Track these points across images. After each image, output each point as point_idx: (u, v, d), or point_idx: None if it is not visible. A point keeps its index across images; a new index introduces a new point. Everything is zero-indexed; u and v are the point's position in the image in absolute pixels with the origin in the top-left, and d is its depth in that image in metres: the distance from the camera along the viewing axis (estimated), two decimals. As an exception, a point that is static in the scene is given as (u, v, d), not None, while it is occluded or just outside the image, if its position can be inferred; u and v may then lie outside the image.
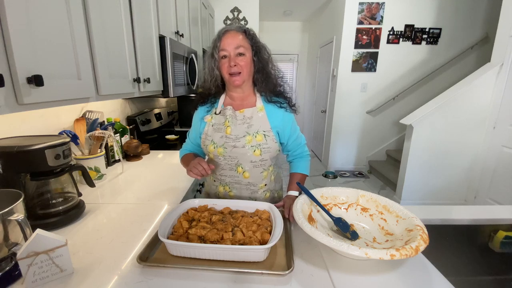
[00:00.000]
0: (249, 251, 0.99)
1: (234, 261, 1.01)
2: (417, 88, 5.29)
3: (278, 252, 1.08)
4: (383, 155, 5.69)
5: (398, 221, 1.15)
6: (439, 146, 3.86)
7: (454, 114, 3.71)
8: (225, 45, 1.38)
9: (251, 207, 1.30)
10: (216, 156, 1.49)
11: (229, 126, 1.45)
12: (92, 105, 2.13)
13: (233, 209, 1.30)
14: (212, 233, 1.09)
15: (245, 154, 1.43)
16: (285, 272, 0.95)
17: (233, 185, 1.54)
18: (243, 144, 1.42)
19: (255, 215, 1.24)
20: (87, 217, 1.37)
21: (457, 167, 3.94)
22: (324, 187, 1.40)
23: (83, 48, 1.38)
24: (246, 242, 1.05)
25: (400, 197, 4.10)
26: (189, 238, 1.08)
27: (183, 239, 1.07)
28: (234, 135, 1.44)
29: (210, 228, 1.12)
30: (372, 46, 5.08)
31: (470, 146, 3.84)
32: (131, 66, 1.88)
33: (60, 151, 1.25)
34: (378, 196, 1.30)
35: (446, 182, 4.01)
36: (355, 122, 5.51)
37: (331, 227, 1.24)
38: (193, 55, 3.11)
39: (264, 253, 1.00)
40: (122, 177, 1.94)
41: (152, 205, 1.51)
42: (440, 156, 3.90)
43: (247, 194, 1.54)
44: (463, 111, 3.70)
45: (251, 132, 1.42)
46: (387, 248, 0.90)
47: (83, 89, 1.38)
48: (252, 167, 1.47)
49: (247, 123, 1.44)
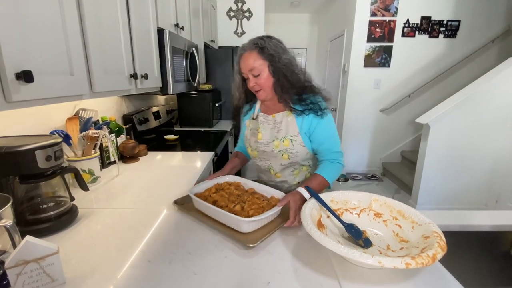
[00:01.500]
0: (231, 218, 1.25)
1: (228, 227, 1.29)
2: (434, 84, 5.27)
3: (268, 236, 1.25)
4: (398, 156, 5.67)
5: (414, 227, 1.15)
6: (458, 146, 3.83)
7: (474, 112, 3.69)
8: (242, 68, 1.57)
9: (269, 193, 1.51)
10: (253, 157, 1.78)
11: (260, 132, 1.66)
12: (86, 103, 2.13)
13: (256, 191, 1.54)
14: (222, 201, 1.40)
15: (276, 157, 1.64)
16: (249, 245, 1.15)
17: (270, 183, 1.77)
18: (272, 149, 1.62)
19: (267, 200, 1.44)
20: (80, 223, 1.37)
21: (477, 169, 3.91)
22: (334, 190, 1.40)
23: (76, 42, 1.38)
24: (238, 215, 1.27)
25: (416, 202, 4.08)
26: (207, 199, 1.43)
27: (202, 198, 1.42)
28: (265, 140, 1.64)
29: (225, 198, 1.43)
30: (386, 40, 5.06)
31: (491, 147, 3.81)
32: (128, 61, 1.88)
33: (51, 152, 1.25)
34: (392, 200, 1.29)
35: (465, 185, 3.98)
36: (368, 121, 5.50)
37: (342, 233, 1.24)
38: (194, 49, 3.11)
39: (240, 224, 1.23)
40: (117, 180, 1.94)
41: (150, 210, 1.50)
42: (459, 158, 3.87)
43: (284, 191, 1.63)
44: (484, 109, 3.67)
45: (279, 137, 1.60)
46: (402, 256, 0.90)
47: (76, 85, 1.38)
48: (283, 169, 1.69)
49: (277, 128, 1.61)
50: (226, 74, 4.42)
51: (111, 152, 2.19)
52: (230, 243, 1.20)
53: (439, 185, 3.98)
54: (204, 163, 2.27)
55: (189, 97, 3.81)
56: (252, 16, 5.23)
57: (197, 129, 3.83)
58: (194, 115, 3.87)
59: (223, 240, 1.22)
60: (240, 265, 1.06)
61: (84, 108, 2.06)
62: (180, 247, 1.16)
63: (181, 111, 3.89)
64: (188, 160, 2.38)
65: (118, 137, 2.32)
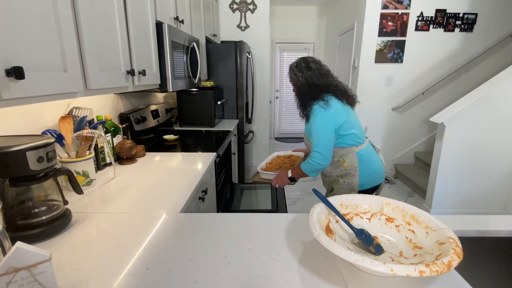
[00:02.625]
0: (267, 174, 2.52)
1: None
2: (449, 81, 5.24)
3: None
4: (411, 157, 5.65)
5: (428, 232, 1.14)
6: (475, 147, 3.81)
7: (492, 111, 3.67)
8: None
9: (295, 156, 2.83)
10: None
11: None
12: (80, 101, 2.14)
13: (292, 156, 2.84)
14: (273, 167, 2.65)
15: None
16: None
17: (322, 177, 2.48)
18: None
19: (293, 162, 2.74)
20: (74, 228, 1.37)
21: (495, 171, 3.89)
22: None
23: (69, 36, 1.38)
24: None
25: (430, 206, 4.07)
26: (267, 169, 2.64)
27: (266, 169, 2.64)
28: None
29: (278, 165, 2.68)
30: (398, 34, 5.04)
31: (510, 148, 3.79)
32: (124, 57, 1.88)
33: (44, 153, 1.25)
34: (405, 204, 1.28)
35: (483, 188, 3.96)
36: (379, 120, 5.49)
37: (352, 239, 1.24)
38: (195, 44, 3.11)
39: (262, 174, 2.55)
40: (114, 183, 1.94)
41: (148, 214, 1.50)
42: (476, 159, 3.85)
43: (326, 183, 2.41)
44: (502, 107, 3.65)
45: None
46: (416, 264, 0.89)
47: (70, 82, 1.38)
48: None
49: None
50: (229, 70, 4.43)
51: (106, 153, 2.19)
52: (233, 249, 1.19)
53: (454, 188, 3.97)
54: (206, 165, 2.27)
55: (190, 94, 3.82)
56: (257, 8, 5.23)
57: (198, 128, 3.84)
58: (195, 114, 3.87)
59: (226, 246, 1.22)
60: (244, 272, 1.05)
61: (78, 107, 2.06)
62: (180, 254, 1.16)
63: (181, 110, 3.89)
64: (188, 161, 2.38)
65: (114, 137, 2.32)
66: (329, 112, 2.05)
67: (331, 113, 2.06)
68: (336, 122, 2.07)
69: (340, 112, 2.09)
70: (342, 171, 2.18)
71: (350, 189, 2.16)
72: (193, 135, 3.45)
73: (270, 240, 1.27)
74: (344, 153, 2.15)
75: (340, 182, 2.21)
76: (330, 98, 2.09)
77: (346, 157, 2.15)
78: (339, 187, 2.21)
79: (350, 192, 2.16)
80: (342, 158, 2.16)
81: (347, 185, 2.17)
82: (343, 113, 2.10)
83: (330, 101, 2.08)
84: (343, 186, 2.19)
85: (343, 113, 2.11)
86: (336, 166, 2.20)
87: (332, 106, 2.06)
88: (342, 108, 2.12)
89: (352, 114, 2.22)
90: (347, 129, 2.12)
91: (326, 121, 2.06)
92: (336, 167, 2.20)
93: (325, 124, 2.06)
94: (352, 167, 2.15)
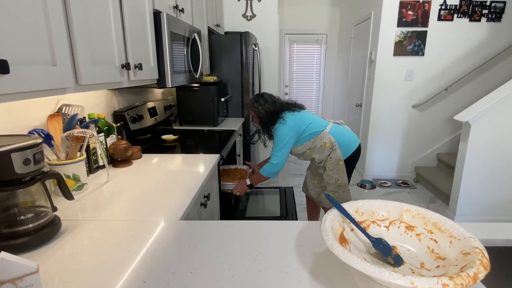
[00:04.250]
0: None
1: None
2: (475, 76, 5.23)
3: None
4: (433, 159, 5.65)
5: (452, 242, 1.13)
6: (503, 148, 3.81)
7: (524, 108, 3.65)
8: None
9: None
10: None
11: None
12: (70, 98, 2.14)
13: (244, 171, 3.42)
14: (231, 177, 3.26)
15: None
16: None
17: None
18: None
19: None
20: (63, 237, 1.37)
21: (527, 175, 3.88)
22: (359, 199, 1.39)
23: (58, 26, 1.37)
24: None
25: (454, 212, 4.07)
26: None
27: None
28: None
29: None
30: (419, 24, 5.03)
31: (544, 149, 3.77)
32: (119, 49, 1.88)
33: (30, 154, 1.24)
34: (427, 211, 1.27)
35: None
36: (398, 118, 5.49)
37: (369, 249, 1.23)
38: (196, 35, 3.11)
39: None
40: (107, 187, 1.95)
41: (144, 222, 1.50)
42: (504, 161, 3.85)
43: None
44: (535, 104, 3.63)
45: None
46: (438, 276, 0.88)
47: (59, 77, 1.38)
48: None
49: None
50: (234, 64, 4.43)
51: (99, 155, 2.20)
52: (238, 260, 1.18)
53: (481, 193, 3.95)
54: (208, 168, 2.27)
55: (191, 90, 3.82)
56: (263, -4, 5.24)
57: (200, 128, 3.85)
58: (196, 112, 3.89)
59: (231, 256, 1.21)
60: (250, 286, 1.04)
61: (68, 104, 2.06)
62: (180, 265, 1.16)
63: (181, 107, 3.90)
64: (189, 164, 2.38)
65: (107, 138, 2.33)
66: (286, 125, 2.77)
67: (289, 125, 2.77)
68: (297, 130, 2.81)
69: (298, 120, 2.82)
70: (328, 150, 2.87)
71: (338, 159, 2.88)
72: (194, 135, 3.46)
73: (278, 250, 1.26)
74: (320, 138, 2.86)
75: (328, 159, 2.89)
76: (284, 114, 2.81)
77: (323, 139, 2.85)
78: (329, 162, 2.90)
79: (338, 163, 2.88)
80: (322, 142, 2.85)
81: (334, 159, 2.88)
82: (300, 119, 2.84)
83: (285, 117, 2.80)
84: (332, 161, 2.88)
85: (301, 118, 2.84)
86: (321, 150, 2.89)
87: (288, 120, 2.78)
88: (298, 115, 2.84)
89: (306, 113, 2.95)
90: (310, 125, 2.85)
91: (285, 131, 2.78)
92: (322, 151, 2.89)
93: (284, 134, 2.78)
94: (331, 143, 2.85)
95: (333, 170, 2.88)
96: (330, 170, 2.89)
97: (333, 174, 2.90)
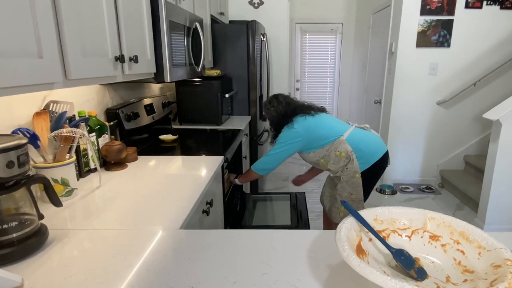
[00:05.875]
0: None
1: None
2: (507, 69, 5.21)
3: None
4: (460, 162, 5.63)
5: (481, 253, 1.12)
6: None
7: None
8: None
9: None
10: None
11: None
12: (58, 94, 2.15)
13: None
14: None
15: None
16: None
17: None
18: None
19: None
20: (51, 248, 1.37)
21: None
22: (378, 206, 1.38)
23: (45, 15, 1.37)
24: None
25: (483, 221, 4.06)
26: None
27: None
28: None
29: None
30: (444, 12, 5.02)
31: None
32: (112, 40, 1.88)
33: (14, 157, 1.24)
34: (453, 219, 1.26)
35: (550, 200, 3.93)
36: (421, 116, 5.48)
37: (389, 262, 1.22)
38: (198, 24, 3.11)
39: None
40: (99, 193, 1.95)
41: (140, 231, 1.50)
42: (541, 164, 3.82)
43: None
44: None
45: None
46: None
47: (46, 71, 1.37)
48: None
49: None
50: (239, 56, 4.44)
51: (90, 157, 2.20)
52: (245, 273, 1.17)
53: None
54: (211, 171, 2.27)
55: (192, 86, 3.83)
56: (272, -18, 5.25)
57: (202, 127, 3.86)
58: (197, 109, 3.90)
59: (236, 269, 1.20)
60: (257, 305, 1.04)
61: (56, 100, 2.07)
62: (179, 279, 1.15)
63: (181, 104, 3.91)
64: (190, 167, 2.39)
65: (100, 138, 2.33)
66: (293, 129, 2.79)
67: (295, 130, 2.79)
68: (307, 135, 2.80)
69: (309, 125, 2.82)
70: (344, 161, 2.81)
71: (354, 171, 2.81)
72: (196, 135, 3.47)
73: (289, 263, 1.25)
74: (335, 147, 2.80)
75: (344, 169, 2.84)
76: (295, 118, 2.82)
77: (339, 148, 2.79)
78: (344, 173, 2.85)
79: (354, 175, 2.82)
80: (337, 151, 2.80)
81: (350, 170, 2.81)
82: (313, 124, 2.83)
83: (294, 121, 2.81)
84: (347, 172, 2.83)
85: (313, 123, 2.84)
86: (337, 161, 2.83)
87: (295, 124, 2.79)
88: (310, 120, 2.83)
89: (323, 117, 2.91)
90: (323, 131, 2.83)
91: (289, 135, 2.81)
92: (338, 161, 2.83)
93: (287, 138, 2.82)
94: (347, 153, 2.78)
95: (348, 182, 2.84)
96: (344, 182, 2.86)
97: (347, 187, 2.86)
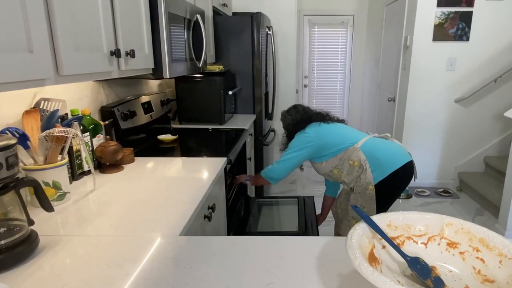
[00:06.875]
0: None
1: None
2: (531, 65, 5.20)
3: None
4: (480, 164, 5.63)
5: (502, 261, 1.11)
6: None
7: None
8: None
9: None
10: None
11: None
12: (50, 91, 2.15)
13: None
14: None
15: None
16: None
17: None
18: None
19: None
20: (42, 256, 1.37)
21: None
22: (392, 211, 1.38)
23: (36, 6, 1.37)
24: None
25: (504, 227, 4.07)
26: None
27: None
28: None
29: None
30: (463, 3, 5.02)
31: None
32: (107, 33, 1.88)
33: (2, 158, 1.24)
34: (472, 224, 1.26)
35: None
36: (438, 115, 5.49)
37: (403, 270, 1.22)
38: (199, 16, 3.11)
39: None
40: (93, 197, 1.95)
41: (137, 238, 1.50)
42: None
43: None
44: None
45: None
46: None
47: (36, 66, 1.37)
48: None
49: None
50: (243, 50, 4.44)
51: (84, 159, 2.20)
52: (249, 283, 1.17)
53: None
54: (213, 174, 2.27)
55: (192, 82, 3.84)
56: (278, -28, 5.25)
57: (203, 126, 3.86)
58: (198, 107, 3.91)
59: (240, 279, 1.20)
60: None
61: (48, 98, 2.07)
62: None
63: (181, 102, 3.92)
64: (190, 169, 2.40)
65: (94, 138, 2.34)
66: (305, 134, 2.86)
67: (307, 135, 2.85)
68: (318, 141, 2.83)
69: (322, 131, 2.87)
70: (357, 171, 2.77)
71: (367, 183, 2.74)
72: (197, 135, 3.49)
73: (297, 272, 1.25)
74: (348, 155, 2.79)
75: (358, 181, 2.79)
76: (309, 125, 2.89)
77: (352, 156, 2.77)
78: (357, 184, 2.80)
79: (367, 187, 2.75)
80: (350, 160, 2.78)
81: (363, 181, 2.76)
82: (326, 130, 2.89)
83: (308, 127, 2.87)
84: (360, 183, 2.77)
85: (326, 130, 2.89)
86: (350, 170, 2.81)
87: (307, 129, 2.86)
88: (324, 127, 2.89)
89: (338, 126, 2.97)
90: (336, 138, 2.86)
91: (302, 140, 2.86)
92: (351, 171, 2.81)
93: (299, 142, 2.87)
94: (360, 162, 2.73)
95: (361, 194, 2.78)
96: (358, 193, 2.80)
97: (359, 199, 2.79)
